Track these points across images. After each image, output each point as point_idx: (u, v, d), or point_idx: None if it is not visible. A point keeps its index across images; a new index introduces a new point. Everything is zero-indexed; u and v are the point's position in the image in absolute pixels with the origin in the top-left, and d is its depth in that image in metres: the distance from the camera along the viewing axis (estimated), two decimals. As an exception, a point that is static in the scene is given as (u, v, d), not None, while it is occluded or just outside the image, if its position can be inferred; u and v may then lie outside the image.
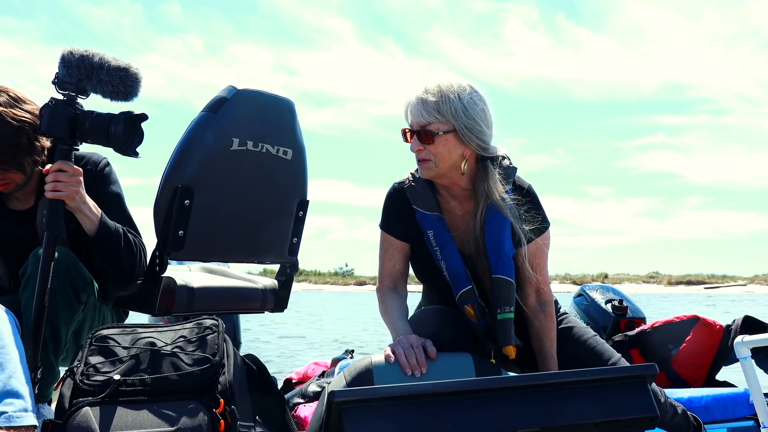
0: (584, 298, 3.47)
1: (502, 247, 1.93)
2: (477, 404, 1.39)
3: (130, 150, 1.84)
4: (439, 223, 1.96)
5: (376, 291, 2.08)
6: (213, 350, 1.57)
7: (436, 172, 1.93)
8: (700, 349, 2.93)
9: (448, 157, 1.91)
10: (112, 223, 1.95)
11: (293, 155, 2.18)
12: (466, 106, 1.89)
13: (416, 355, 1.76)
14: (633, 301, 3.44)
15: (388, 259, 2.07)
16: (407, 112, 1.94)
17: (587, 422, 1.46)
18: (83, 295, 1.95)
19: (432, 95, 1.88)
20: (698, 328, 2.94)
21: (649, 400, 1.49)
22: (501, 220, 1.93)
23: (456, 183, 1.98)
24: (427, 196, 1.99)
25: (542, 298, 2.03)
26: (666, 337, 2.99)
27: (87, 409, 1.44)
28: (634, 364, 1.89)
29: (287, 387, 3.47)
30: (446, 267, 1.95)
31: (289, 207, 2.26)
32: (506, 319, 1.92)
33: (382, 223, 2.07)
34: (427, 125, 1.89)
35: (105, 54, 1.82)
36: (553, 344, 2.02)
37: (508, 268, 1.93)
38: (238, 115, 2.03)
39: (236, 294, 2.33)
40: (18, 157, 1.94)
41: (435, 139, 1.89)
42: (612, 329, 3.26)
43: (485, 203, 1.94)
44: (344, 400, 1.33)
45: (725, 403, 2.46)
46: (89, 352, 1.57)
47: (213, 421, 1.46)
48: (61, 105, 1.82)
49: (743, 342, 2.14)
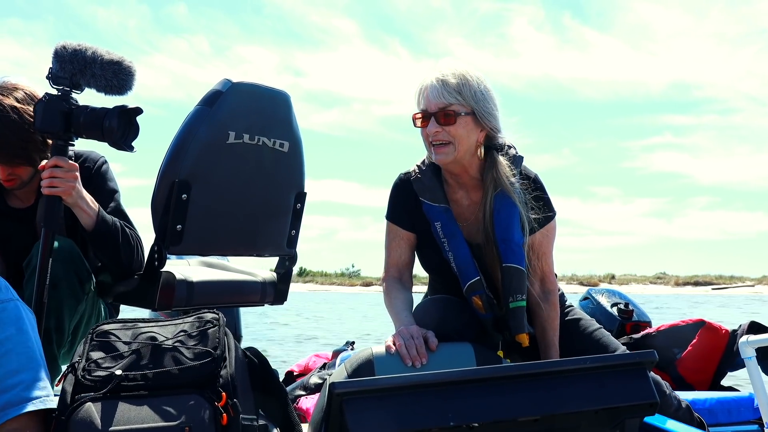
0: (590, 301, 3.49)
1: (511, 235, 1.92)
2: (477, 393, 1.40)
3: (125, 144, 1.83)
4: (446, 215, 1.96)
5: (382, 281, 2.08)
6: (214, 344, 1.57)
7: (454, 157, 1.92)
8: (706, 354, 2.91)
9: (467, 141, 1.91)
10: (109, 218, 1.95)
11: (290, 147, 2.18)
12: (483, 91, 1.90)
13: (416, 345, 1.76)
14: (638, 304, 3.46)
15: (394, 249, 2.06)
16: (421, 95, 1.93)
17: (587, 410, 1.47)
18: (87, 285, 1.95)
19: (452, 77, 1.89)
20: (704, 332, 2.92)
21: (649, 386, 1.49)
22: (510, 209, 1.93)
23: (467, 171, 1.97)
24: (434, 188, 1.98)
25: (547, 286, 2.04)
26: (671, 341, 2.98)
27: (89, 405, 1.44)
28: (633, 352, 1.90)
29: (289, 379, 3.49)
30: (454, 258, 1.95)
31: (287, 199, 2.26)
32: (519, 308, 1.92)
33: (389, 214, 2.07)
34: (448, 106, 1.88)
35: (98, 48, 1.81)
36: (555, 333, 2.02)
37: (519, 256, 1.92)
38: (233, 109, 2.02)
39: (236, 287, 2.33)
40: (31, 152, 1.93)
41: (457, 119, 1.88)
42: (617, 332, 3.27)
43: (494, 192, 1.94)
44: (345, 391, 1.34)
45: (729, 407, 2.46)
46: (90, 347, 1.57)
47: (215, 414, 1.46)
48: (55, 100, 1.81)
49: (748, 342, 2.12)
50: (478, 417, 1.39)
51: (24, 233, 2.03)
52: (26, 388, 1.44)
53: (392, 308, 1.97)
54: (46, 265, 1.80)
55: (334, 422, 1.36)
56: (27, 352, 1.48)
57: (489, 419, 1.40)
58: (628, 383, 1.49)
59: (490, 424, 1.40)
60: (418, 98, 1.94)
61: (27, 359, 1.48)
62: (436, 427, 1.36)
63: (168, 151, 1.98)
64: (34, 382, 1.47)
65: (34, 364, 1.49)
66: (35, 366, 1.49)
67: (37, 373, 1.48)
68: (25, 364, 1.46)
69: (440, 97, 1.88)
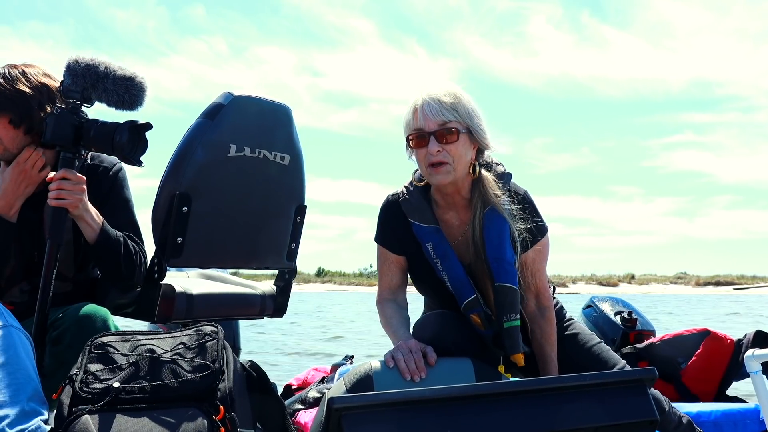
0: (593, 310, 3.46)
1: (503, 254, 1.91)
2: (477, 409, 1.39)
3: (135, 159, 1.85)
4: (437, 235, 1.95)
5: (376, 303, 2.08)
6: (212, 357, 1.56)
7: (454, 176, 1.89)
8: (710, 364, 2.88)
9: (465, 159, 1.89)
10: (113, 231, 1.95)
11: (290, 160, 2.19)
12: (474, 109, 1.90)
13: (415, 360, 1.76)
14: (642, 312, 3.44)
15: (385, 273, 2.07)
16: (416, 115, 1.88)
17: (587, 426, 1.46)
18: None
19: (445, 96, 1.86)
20: (708, 342, 2.90)
21: (649, 403, 1.48)
22: (500, 227, 1.92)
23: (459, 190, 1.96)
24: (422, 209, 1.97)
25: (542, 303, 2.03)
26: (675, 351, 2.95)
27: (86, 417, 1.43)
28: (633, 369, 1.89)
29: (287, 393, 3.47)
30: (448, 278, 1.94)
31: (288, 212, 2.26)
32: (513, 327, 1.91)
33: (378, 237, 2.07)
34: (447, 123, 1.85)
35: (111, 63, 1.83)
36: (553, 349, 2.01)
37: (511, 275, 1.91)
38: (235, 122, 2.03)
39: (235, 300, 2.32)
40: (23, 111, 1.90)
41: (459, 137, 1.86)
42: (621, 341, 3.24)
43: (482, 210, 1.93)
44: (344, 406, 1.33)
45: (735, 419, 2.42)
46: (88, 359, 1.56)
47: (213, 427, 1.45)
48: (65, 113, 1.83)
49: (754, 356, 2.10)
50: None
51: (30, 219, 2.02)
52: (11, 424, 1.43)
53: (389, 327, 1.97)
54: (50, 276, 1.81)
55: (333, 437, 1.35)
56: (14, 384, 1.47)
57: (488, 435, 1.39)
58: (627, 400, 1.48)
59: (489, 440, 1.39)
60: (411, 119, 1.90)
61: (13, 392, 1.46)
62: (434, 442, 1.36)
63: (169, 164, 1.99)
64: (20, 417, 1.45)
65: (21, 397, 1.47)
66: (22, 399, 1.47)
67: (25, 406, 1.47)
68: (10, 397, 1.45)
69: (439, 114, 1.85)
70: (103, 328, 1.87)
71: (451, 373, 1.77)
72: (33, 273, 1.97)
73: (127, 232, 2.01)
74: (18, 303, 1.98)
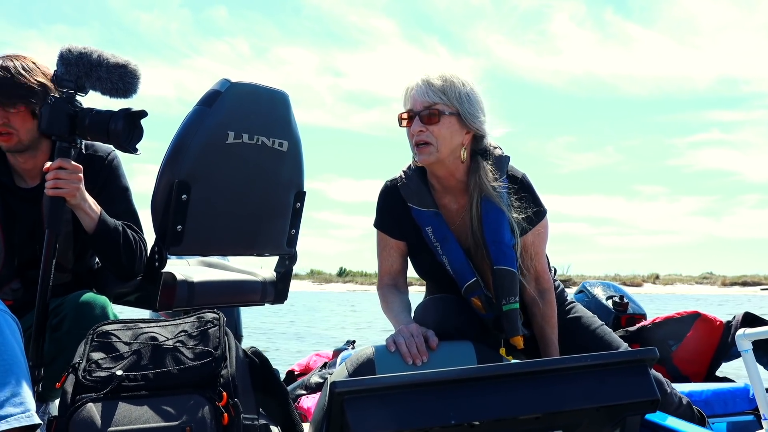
0: (585, 294, 3.49)
1: (501, 237, 1.92)
2: (478, 392, 1.40)
3: (130, 147, 1.85)
4: (436, 219, 1.96)
5: (377, 289, 2.09)
6: (215, 344, 1.57)
7: (436, 157, 1.92)
8: (701, 346, 2.94)
9: (450, 142, 1.91)
10: (111, 221, 1.95)
11: (289, 147, 2.18)
12: (468, 93, 1.91)
13: (417, 344, 1.76)
14: (636, 300, 3.46)
15: (385, 258, 2.07)
16: (407, 96, 1.95)
17: (588, 407, 1.47)
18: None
19: (437, 79, 1.91)
20: (699, 324, 2.95)
21: (650, 383, 1.49)
22: (498, 212, 1.92)
23: (452, 174, 1.97)
24: (421, 193, 1.98)
25: (542, 285, 2.03)
26: (666, 333, 3.00)
27: (90, 405, 1.44)
28: (634, 349, 1.89)
29: (290, 379, 3.49)
30: (449, 261, 1.94)
31: (287, 199, 2.26)
32: (512, 310, 1.91)
33: (377, 222, 2.07)
34: (432, 105, 1.89)
35: (103, 51, 1.82)
36: (554, 330, 2.02)
37: (510, 258, 1.92)
38: (232, 108, 2.02)
39: (236, 287, 2.33)
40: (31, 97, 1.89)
41: (441, 119, 1.89)
42: (612, 325, 3.27)
43: (479, 196, 1.93)
44: (346, 390, 1.34)
45: (725, 398, 2.47)
46: (91, 348, 1.57)
47: (216, 414, 1.46)
48: (60, 103, 1.82)
49: (745, 335, 2.13)
50: (479, 415, 1.39)
51: (29, 212, 2.02)
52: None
53: (390, 312, 1.98)
54: (49, 266, 1.81)
55: (335, 421, 1.36)
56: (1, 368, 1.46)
57: (490, 417, 1.40)
58: (629, 380, 1.49)
59: (491, 422, 1.40)
60: (405, 99, 1.96)
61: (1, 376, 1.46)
62: (437, 425, 1.36)
63: (167, 152, 1.98)
64: (7, 400, 1.45)
65: (9, 379, 1.47)
66: (9, 382, 1.47)
67: (15, 388, 1.47)
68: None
69: (424, 96, 1.89)
70: (102, 315, 1.88)
71: (453, 356, 1.78)
72: (30, 267, 1.97)
73: (125, 220, 2.01)
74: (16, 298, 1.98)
